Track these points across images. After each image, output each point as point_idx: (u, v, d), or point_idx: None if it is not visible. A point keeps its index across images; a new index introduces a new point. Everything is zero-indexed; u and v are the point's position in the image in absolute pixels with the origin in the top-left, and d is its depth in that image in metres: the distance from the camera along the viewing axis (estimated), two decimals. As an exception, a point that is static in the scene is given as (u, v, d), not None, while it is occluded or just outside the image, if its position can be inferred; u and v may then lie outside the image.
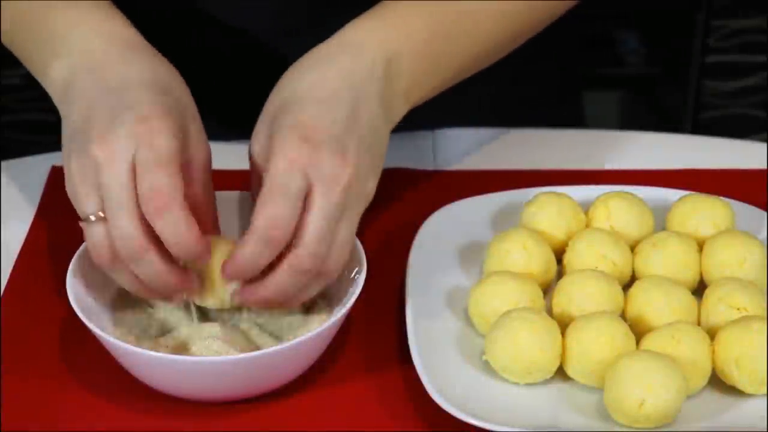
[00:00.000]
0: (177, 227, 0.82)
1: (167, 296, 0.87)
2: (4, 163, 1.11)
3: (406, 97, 0.93)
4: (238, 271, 0.85)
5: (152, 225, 0.82)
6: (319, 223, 0.84)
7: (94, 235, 0.84)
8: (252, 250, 0.83)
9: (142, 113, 0.83)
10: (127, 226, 0.82)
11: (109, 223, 0.83)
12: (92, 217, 0.83)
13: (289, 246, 0.84)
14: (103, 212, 0.83)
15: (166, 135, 0.83)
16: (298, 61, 0.91)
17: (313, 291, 0.87)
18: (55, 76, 0.90)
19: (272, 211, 0.83)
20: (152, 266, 0.83)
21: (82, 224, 0.84)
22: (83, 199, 0.84)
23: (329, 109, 0.87)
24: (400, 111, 0.93)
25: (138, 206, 0.82)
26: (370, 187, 0.88)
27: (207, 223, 0.89)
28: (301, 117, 0.86)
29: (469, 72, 0.99)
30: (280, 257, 0.85)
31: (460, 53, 0.96)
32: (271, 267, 0.85)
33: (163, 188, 0.82)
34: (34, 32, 0.92)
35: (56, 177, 1.09)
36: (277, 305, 0.87)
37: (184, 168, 0.85)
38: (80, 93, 0.87)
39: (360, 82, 0.89)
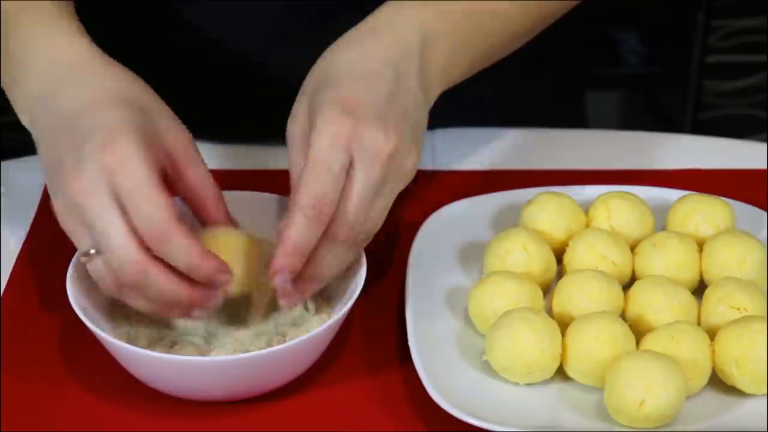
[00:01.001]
0: (185, 253, 0.82)
1: (187, 310, 0.85)
2: (4, 163, 1.11)
3: (440, 78, 0.93)
4: (291, 251, 0.84)
5: (159, 255, 0.82)
6: (359, 197, 0.84)
7: (96, 269, 0.84)
8: (300, 229, 0.83)
9: (103, 141, 0.82)
10: (121, 257, 0.82)
11: (105, 254, 0.82)
12: (92, 251, 0.83)
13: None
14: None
15: (136, 158, 0.82)
16: (334, 44, 0.91)
17: (347, 262, 0.87)
18: (18, 107, 0.89)
19: (317, 188, 0.83)
20: (159, 286, 0.83)
21: (83, 259, 0.84)
22: (76, 238, 0.84)
23: (370, 84, 0.87)
24: (436, 91, 0.94)
25: (129, 232, 0.81)
26: (411, 163, 0.88)
27: (212, 204, 0.88)
28: (342, 92, 0.86)
29: (499, 54, 1.00)
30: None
31: (491, 35, 0.97)
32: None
33: (155, 218, 0.81)
34: (2, 52, 0.91)
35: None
36: (315, 286, 0.87)
37: (170, 159, 0.85)
38: (42, 129, 0.87)
39: (399, 60, 0.89)
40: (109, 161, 0.82)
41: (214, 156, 1.08)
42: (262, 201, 0.96)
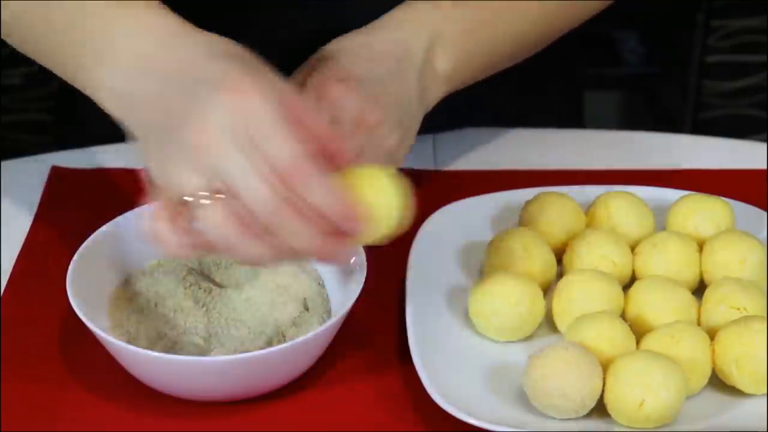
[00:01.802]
0: (325, 192, 0.79)
1: (316, 254, 0.81)
2: (4, 163, 1.11)
3: (446, 80, 0.95)
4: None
5: (295, 196, 0.79)
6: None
7: (215, 215, 0.80)
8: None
9: (230, 85, 0.80)
10: (256, 198, 0.78)
11: (240, 194, 0.79)
12: (205, 200, 0.79)
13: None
14: (215, 192, 0.79)
15: (267, 100, 0.79)
16: (346, 34, 0.94)
17: None
18: (107, 85, 0.86)
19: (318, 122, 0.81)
20: (293, 228, 0.79)
21: (191, 208, 0.80)
22: (187, 183, 0.80)
23: (371, 66, 0.89)
24: (438, 93, 0.95)
25: (263, 174, 0.78)
26: (393, 142, 0.89)
27: (338, 147, 0.83)
28: (342, 64, 0.89)
29: (505, 64, 1.02)
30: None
31: (499, 44, 0.99)
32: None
33: (294, 157, 0.78)
34: (68, 37, 0.88)
35: (56, 177, 1.09)
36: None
37: (287, 107, 0.82)
38: (144, 95, 0.84)
39: (401, 57, 0.91)
40: (239, 105, 0.79)
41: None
42: None
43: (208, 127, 0.79)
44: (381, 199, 0.82)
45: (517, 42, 1.00)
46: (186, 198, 0.80)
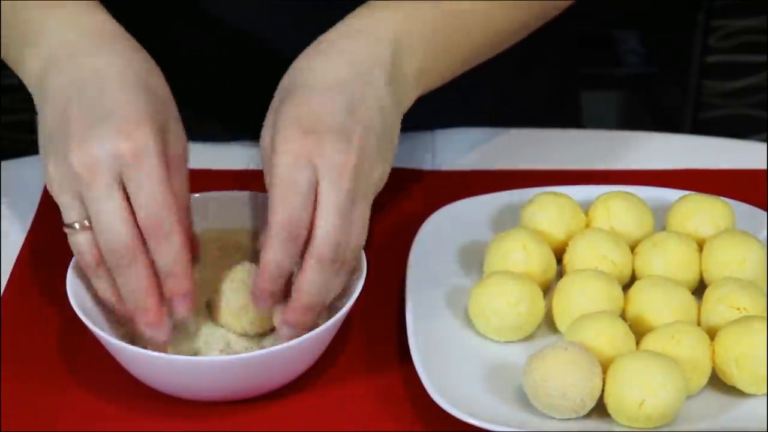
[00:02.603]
0: (176, 252, 0.82)
1: (143, 316, 0.85)
2: (4, 163, 1.11)
3: (416, 81, 0.92)
4: (270, 278, 0.84)
5: (150, 250, 0.83)
6: (333, 212, 0.83)
7: (79, 242, 0.84)
8: (276, 251, 0.83)
9: (123, 126, 0.82)
10: (115, 238, 0.82)
11: (96, 231, 0.83)
12: (77, 225, 0.84)
13: (307, 244, 0.84)
14: (88, 221, 0.83)
15: (153, 152, 0.82)
16: (307, 48, 0.90)
17: (340, 285, 0.87)
18: (29, 66, 0.88)
19: (287, 208, 0.82)
20: (138, 276, 0.83)
21: (65, 230, 0.85)
22: (65, 208, 0.84)
23: (333, 97, 0.86)
24: (411, 96, 0.92)
25: (129, 218, 0.82)
26: (380, 172, 0.87)
27: (183, 214, 0.87)
28: (303, 108, 0.85)
29: (478, 59, 0.99)
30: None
31: (470, 38, 0.96)
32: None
33: (160, 215, 0.82)
34: (10, 24, 0.91)
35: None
36: (315, 314, 0.86)
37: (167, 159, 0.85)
38: (54, 88, 0.86)
39: (367, 67, 0.88)
40: (124, 148, 0.81)
41: (213, 156, 1.08)
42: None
43: (91, 156, 0.82)
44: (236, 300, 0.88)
45: (490, 33, 0.98)
46: (66, 223, 0.84)
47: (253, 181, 0.96)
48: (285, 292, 0.86)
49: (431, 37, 0.93)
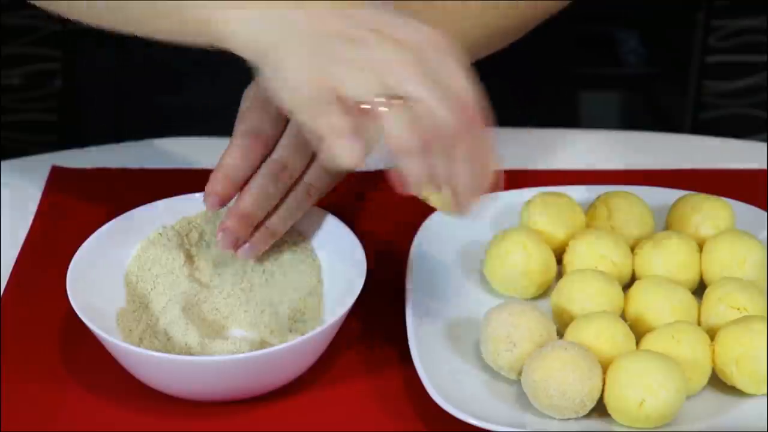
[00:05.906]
0: (483, 143, 0.81)
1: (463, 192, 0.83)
2: (4, 163, 1.11)
3: None
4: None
5: (461, 136, 0.80)
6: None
7: (401, 119, 0.78)
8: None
9: (411, 26, 0.80)
10: (448, 116, 0.78)
11: (426, 105, 0.78)
12: (393, 102, 0.78)
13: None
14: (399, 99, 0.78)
15: (437, 37, 0.80)
16: None
17: (289, 211, 0.91)
18: (234, 29, 0.81)
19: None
20: (461, 159, 0.80)
21: (376, 109, 0.78)
22: (364, 85, 0.79)
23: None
24: None
25: (447, 100, 0.79)
26: None
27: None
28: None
29: (474, 57, 0.98)
30: None
31: (465, 37, 0.96)
32: None
33: (469, 101, 0.80)
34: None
35: (56, 177, 1.09)
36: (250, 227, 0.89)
37: None
38: (293, 31, 0.80)
39: None
40: (414, 39, 0.79)
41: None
42: None
43: (385, 46, 0.78)
44: None
45: (480, 32, 0.98)
46: (361, 101, 0.79)
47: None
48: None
49: None
